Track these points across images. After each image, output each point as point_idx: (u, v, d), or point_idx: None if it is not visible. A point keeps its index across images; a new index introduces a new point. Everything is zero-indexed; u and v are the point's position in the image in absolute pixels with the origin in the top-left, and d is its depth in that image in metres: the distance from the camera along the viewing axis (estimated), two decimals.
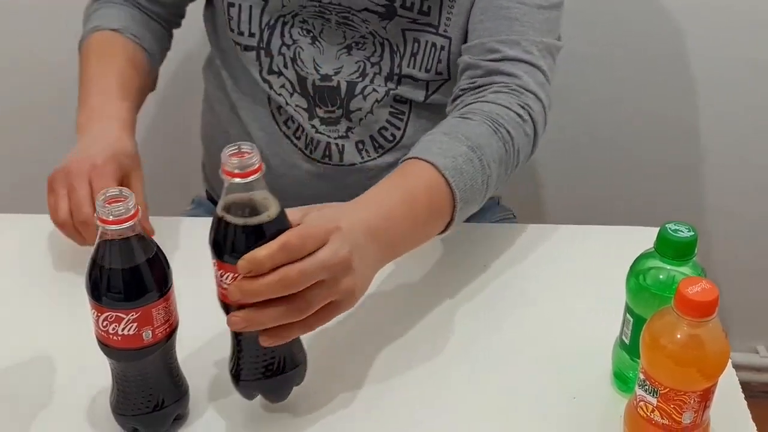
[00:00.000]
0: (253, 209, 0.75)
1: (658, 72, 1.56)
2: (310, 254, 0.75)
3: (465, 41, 1.09)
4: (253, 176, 0.74)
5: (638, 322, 0.81)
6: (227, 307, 0.78)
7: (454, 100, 1.07)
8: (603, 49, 1.46)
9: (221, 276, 0.77)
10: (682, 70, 1.55)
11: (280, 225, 0.76)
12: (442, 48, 1.10)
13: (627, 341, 0.84)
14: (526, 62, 1.04)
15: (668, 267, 0.80)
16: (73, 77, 1.59)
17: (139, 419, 0.82)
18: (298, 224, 0.77)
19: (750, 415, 0.85)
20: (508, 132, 0.98)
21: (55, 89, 1.62)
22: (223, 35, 1.18)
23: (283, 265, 0.74)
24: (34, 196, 1.66)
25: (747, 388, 0.89)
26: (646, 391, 0.77)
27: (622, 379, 0.87)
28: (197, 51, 1.43)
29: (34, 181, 1.70)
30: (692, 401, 0.76)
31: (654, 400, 0.77)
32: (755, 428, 0.84)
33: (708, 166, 1.65)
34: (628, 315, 0.84)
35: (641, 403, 0.78)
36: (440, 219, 0.92)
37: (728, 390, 0.86)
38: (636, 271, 0.83)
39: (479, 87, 1.04)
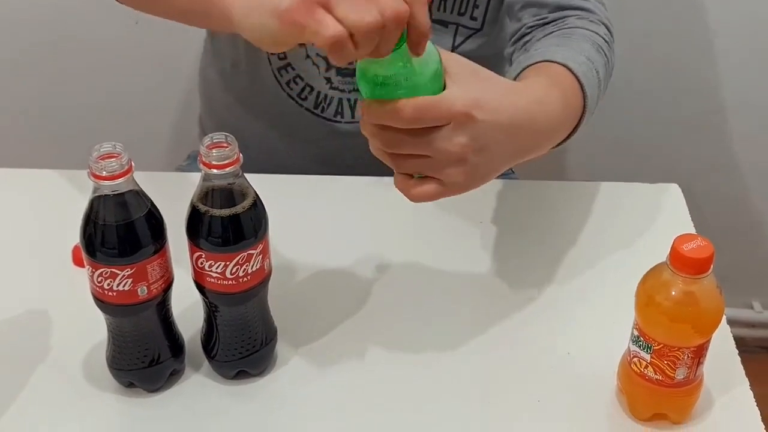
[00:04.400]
0: (230, 199, 0.76)
1: (672, 22, 1.55)
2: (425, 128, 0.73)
3: None
4: (230, 168, 0.74)
5: None
6: (202, 288, 0.80)
7: (521, 38, 1.04)
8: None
9: (197, 260, 0.78)
10: (698, 20, 1.54)
11: (254, 216, 0.77)
12: None
13: None
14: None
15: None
16: (59, 31, 1.59)
17: (135, 374, 0.82)
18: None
19: (743, 371, 0.86)
20: (605, 53, 0.98)
21: (49, 43, 1.61)
22: None
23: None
24: (27, 151, 1.67)
25: (741, 343, 0.89)
26: (639, 346, 0.78)
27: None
28: None
29: (22, 134, 1.71)
30: (686, 357, 0.76)
31: (648, 356, 0.77)
32: (748, 383, 0.84)
33: (699, 121, 1.65)
34: None
35: (635, 359, 0.79)
36: (573, 122, 0.88)
37: (722, 346, 0.86)
38: None
39: (552, 21, 1.03)
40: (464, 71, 0.76)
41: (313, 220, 1.03)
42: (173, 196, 0.81)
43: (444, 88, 0.74)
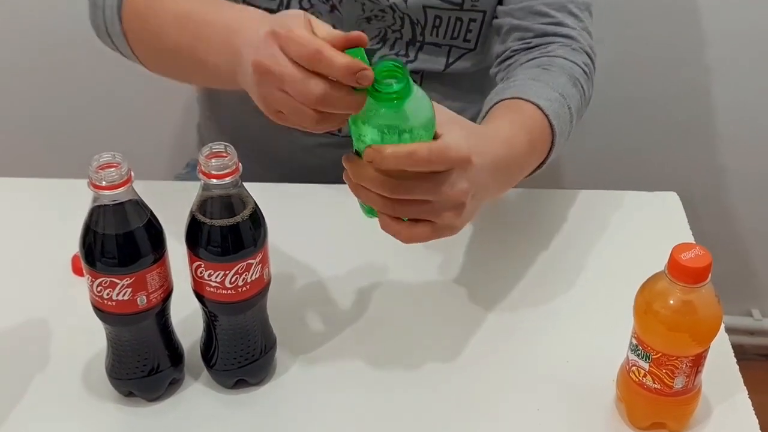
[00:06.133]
0: (229, 209, 0.76)
1: (666, 29, 1.56)
2: (432, 173, 0.75)
3: (499, 3, 1.09)
4: (229, 178, 0.75)
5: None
6: (201, 298, 0.80)
7: (505, 60, 1.07)
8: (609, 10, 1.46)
9: (196, 269, 0.78)
10: (692, 28, 1.55)
11: (254, 225, 0.77)
12: (472, 20, 1.10)
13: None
14: (575, 28, 1.07)
15: (382, 105, 0.73)
16: (58, 40, 1.59)
17: (134, 383, 0.82)
18: (440, 134, 0.76)
19: (742, 380, 0.86)
20: (582, 86, 1.01)
21: (48, 51, 1.62)
22: None
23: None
24: (27, 160, 1.68)
25: (741, 351, 0.90)
26: (638, 356, 0.78)
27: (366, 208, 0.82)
28: None
29: (27, 144, 1.71)
30: (684, 366, 0.76)
31: (646, 365, 0.77)
32: (747, 392, 0.85)
33: (697, 128, 1.65)
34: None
35: (633, 368, 0.79)
36: (538, 161, 0.93)
37: (721, 354, 0.86)
38: None
39: (536, 46, 1.06)
40: (449, 120, 0.78)
41: (312, 229, 1.04)
42: (172, 205, 0.81)
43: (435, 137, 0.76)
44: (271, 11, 1.09)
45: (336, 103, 0.73)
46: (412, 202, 0.76)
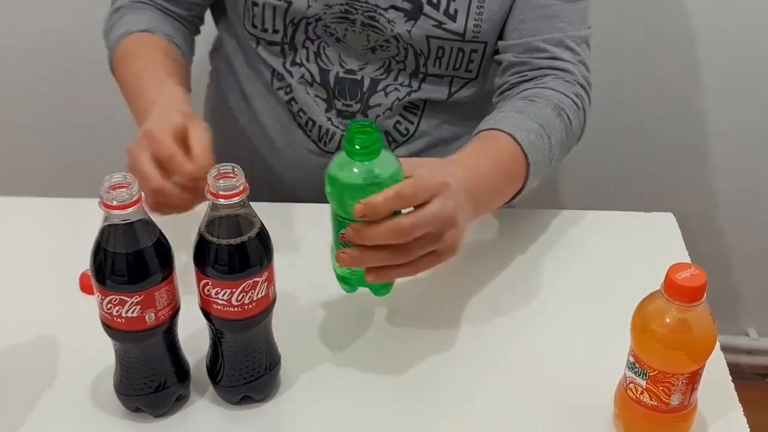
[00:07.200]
0: (236, 228, 0.78)
1: (661, 53, 1.58)
2: (420, 206, 0.81)
3: (500, 38, 1.12)
4: (237, 198, 0.77)
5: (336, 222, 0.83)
6: (208, 315, 0.81)
7: (504, 92, 1.11)
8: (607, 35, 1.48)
9: (204, 287, 0.80)
10: (687, 52, 1.57)
11: (260, 244, 0.79)
12: (474, 51, 1.12)
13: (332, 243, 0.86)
14: (572, 61, 1.10)
15: (357, 162, 0.80)
16: (65, 60, 1.61)
17: (141, 399, 0.84)
18: (409, 175, 0.82)
19: (737, 397, 0.87)
20: (569, 117, 1.05)
21: (51, 73, 1.63)
22: (238, 24, 1.17)
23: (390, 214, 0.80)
24: (39, 180, 1.69)
25: (737, 370, 0.90)
26: (635, 373, 0.79)
27: (344, 281, 0.88)
28: (202, 33, 1.41)
29: (37, 164, 1.73)
30: (680, 383, 0.78)
31: (643, 383, 0.79)
32: (742, 409, 0.86)
33: (692, 149, 1.67)
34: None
35: (631, 385, 0.80)
36: (514, 188, 0.98)
37: (716, 373, 0.88)
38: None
39: (531, 79, 1.09)
40: (410, 163, 0.84)
41: (317, 248, 1.04)
42: (180, 224, 0.83)
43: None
44: (276, 43, 1.13)
45: (169, 197, 0.88)
46: (416, 240, 0.81)
